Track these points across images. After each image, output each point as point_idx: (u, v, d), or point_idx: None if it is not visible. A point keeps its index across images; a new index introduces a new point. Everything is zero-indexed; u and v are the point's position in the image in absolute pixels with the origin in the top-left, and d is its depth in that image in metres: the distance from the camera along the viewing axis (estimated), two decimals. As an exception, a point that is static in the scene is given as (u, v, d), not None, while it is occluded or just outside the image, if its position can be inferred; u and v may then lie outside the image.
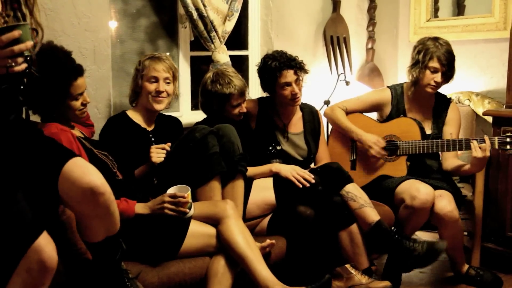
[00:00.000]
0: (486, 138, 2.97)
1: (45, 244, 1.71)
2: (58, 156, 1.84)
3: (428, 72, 3.12)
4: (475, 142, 2.97)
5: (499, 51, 3.75)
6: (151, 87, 2.74)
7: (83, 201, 1.82)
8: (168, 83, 2.77)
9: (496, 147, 2.99)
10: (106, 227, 1.93)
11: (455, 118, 3.27)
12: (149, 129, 2.81)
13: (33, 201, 1.78)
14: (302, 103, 3.19)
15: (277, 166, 2.92)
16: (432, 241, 2.78)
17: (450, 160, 3.21)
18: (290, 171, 2.87)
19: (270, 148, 3.06)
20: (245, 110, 3.02)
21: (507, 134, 2.99)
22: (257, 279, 2.36)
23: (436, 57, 3.09)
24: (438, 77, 3.12)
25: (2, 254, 1.72)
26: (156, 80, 2.74)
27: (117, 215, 1.95)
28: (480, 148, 2.94)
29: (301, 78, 3.01)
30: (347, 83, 3.97)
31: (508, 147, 2.96)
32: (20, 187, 1.77)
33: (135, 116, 2.80)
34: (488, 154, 2.95)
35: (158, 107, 2.77)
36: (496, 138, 2.99)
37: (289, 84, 2.99)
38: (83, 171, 1.81)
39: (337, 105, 3.40)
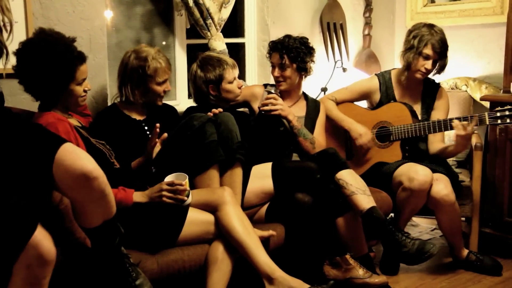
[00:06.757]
0: (475, 116, 2.99)
1: (42, 238, 1.72)
2: (48, 145, 1.82)
3: (421, 58, 3.15)
4: (456, 121, 2.98)
5: (496, 36, 3.75)
6: (161, 88, 2.75)
7: (78, 187, 1.81)
8: None
9: (487, 123, 2.98)
10: (102, 211, 1.93)
11: (443, 104, 3.29)
12: (141, 118, 2.80)
13: (26, 191, 1.78)
14: (305, 94, 3.26)
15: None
16: (424, 241, 2.75)
17: (436, 144, 3.23)
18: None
19: (281, 129, 3.06)
20: (241, 83, 3.06)
21: (497, 109, 2.97)
22: (256, 265, 2.37)
23: (430, 44, 3.12)
24: (429, 64, 3.15)
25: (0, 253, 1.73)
26: (165, 80, 2.75)
27: (112, 197, 1.95)
28: (462, 125, 2.95)
29: (286, 63, 3.06)
30: (344, 69, 3.97)
31: (499, 121, 2.95)
32: (11, 181, 1.76)
33: (127, 108, 2.78)
34: (470, 130, 2.94)
35: (161, 102, 2.81)
36: (486, 113, 2.98)
37: (273, 65, 3.12)
38: (73, 157, 1.80)
39: (327, 96, 3.45)
